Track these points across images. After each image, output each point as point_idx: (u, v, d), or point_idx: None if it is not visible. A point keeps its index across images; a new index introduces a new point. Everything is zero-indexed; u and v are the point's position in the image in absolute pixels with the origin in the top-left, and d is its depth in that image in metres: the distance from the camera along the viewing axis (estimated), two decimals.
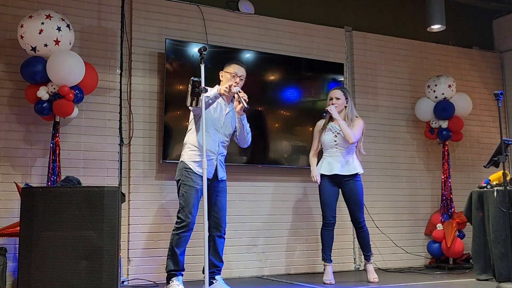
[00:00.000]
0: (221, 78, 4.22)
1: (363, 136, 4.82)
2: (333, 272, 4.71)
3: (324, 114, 4.75)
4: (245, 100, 3.94)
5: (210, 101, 3.94)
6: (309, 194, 5.53)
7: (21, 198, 3.72)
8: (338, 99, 4.73)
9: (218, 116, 4.11)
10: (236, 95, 4.04)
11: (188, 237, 4.00)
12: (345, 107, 4.75)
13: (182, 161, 4.10)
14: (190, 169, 4.02)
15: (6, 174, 4.43)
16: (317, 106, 5.61)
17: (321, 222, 4.77)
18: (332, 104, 4.72)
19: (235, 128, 4.25)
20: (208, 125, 3.99)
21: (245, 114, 4.17)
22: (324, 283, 4.59)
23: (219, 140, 4.13)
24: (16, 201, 4.22)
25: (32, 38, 4.18)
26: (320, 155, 4.88)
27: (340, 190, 4.77)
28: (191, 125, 4.14)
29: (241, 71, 4.19)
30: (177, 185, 4.09)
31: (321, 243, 4.78)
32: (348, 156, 4.69)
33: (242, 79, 4.19)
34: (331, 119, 4.77)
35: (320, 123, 4.85)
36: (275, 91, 5.44)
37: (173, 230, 4.01)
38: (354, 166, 4.69)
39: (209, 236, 3.96)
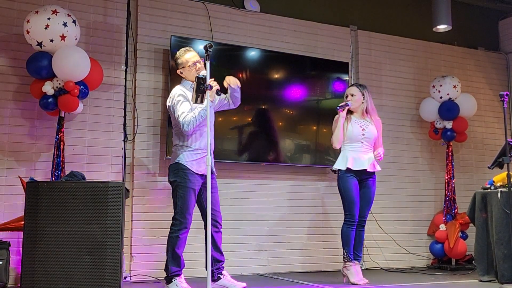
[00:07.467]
0: (182, 75, 4.10)
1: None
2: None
3: (337, 108, 4.61)
4: (218, 89, 3.92)
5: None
6: (312, 193, 5.54)
7: (26, 192, 3.73)
8: (353, 95, 4.69)
9: (209, 114, 4.09)
10: (214, 90, 3.92)
11: (187, 237, 4.00)
12: (363, 102, 4.68)
13: (177, 162, 4.00)
14: (188, 169, 3.96)
15: (10, 168, 4.45)
16: (321, 105, 5.61)
17: (339, 221, 4.49)
18: (348, 101, 4.67)
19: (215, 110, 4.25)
20: (203, 125, 3.97)
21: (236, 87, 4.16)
22: (357, 284, 4.39)
23: (211, 136, 4.11)
24: (20, 196, 4.23)
25: (38, 33, 4.19)
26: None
27: None
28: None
29: (196, 55, 4.12)
30: (172, 186, 4.04)
31: (342, 242, 4.54)
32: (372, 152, 4.63)
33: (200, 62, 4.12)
34: (350, 112, 4.68)
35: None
36: (280, 89, 5.44)
37: (171, 232, 3.97)
38: (375, 164, 4.64)
39: (206, 233, 3.95)
